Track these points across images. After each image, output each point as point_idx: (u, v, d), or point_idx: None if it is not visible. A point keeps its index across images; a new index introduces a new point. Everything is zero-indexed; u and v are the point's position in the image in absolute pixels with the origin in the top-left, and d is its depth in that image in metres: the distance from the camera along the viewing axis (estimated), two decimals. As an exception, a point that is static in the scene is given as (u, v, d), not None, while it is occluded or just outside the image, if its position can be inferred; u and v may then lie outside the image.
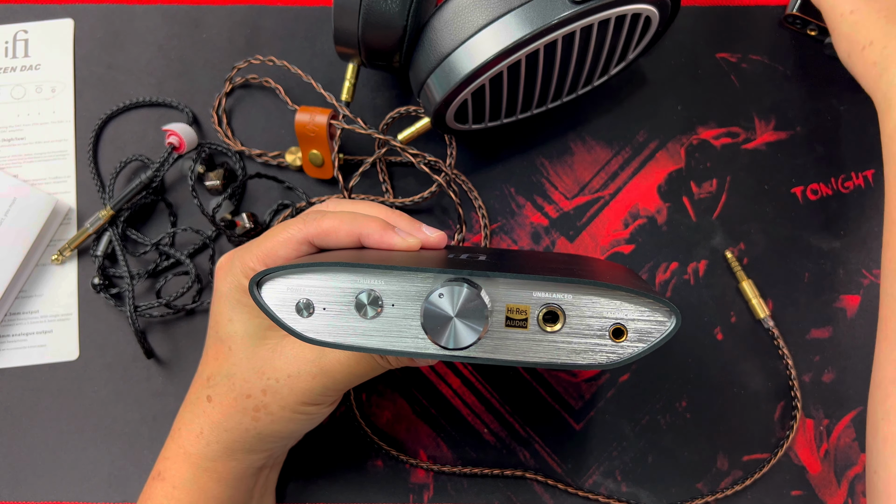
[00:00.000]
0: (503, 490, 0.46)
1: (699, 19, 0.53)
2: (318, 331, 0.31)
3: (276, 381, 0.36)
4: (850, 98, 0.52)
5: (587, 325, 0.30)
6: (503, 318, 0.31)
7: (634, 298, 0.30)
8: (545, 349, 0.31)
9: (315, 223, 0.36)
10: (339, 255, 0.33)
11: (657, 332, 0.30)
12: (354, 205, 0.39)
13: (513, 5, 0.40)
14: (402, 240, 0.36)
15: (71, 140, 0.52)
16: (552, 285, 0.30)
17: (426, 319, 0.29)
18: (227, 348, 0.37)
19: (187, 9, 0.54)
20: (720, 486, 0.46)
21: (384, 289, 0.31)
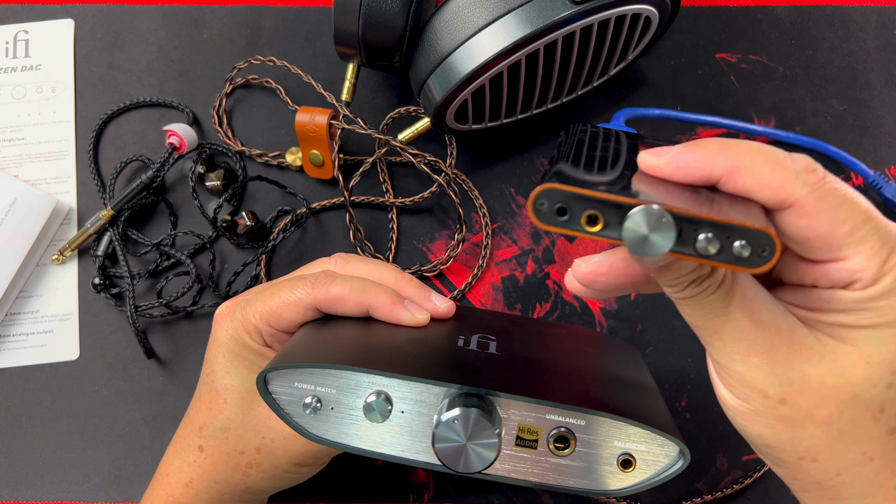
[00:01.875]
0: (503, 490, 0.46)
1: (699, 20, 0.53)
2: (325, 429, 0.31)
3: (272, 441, 0.36)
4: (850, 98, 0.52)
5: (596, 453, 0.30)
6: (514, 436, 0.30)
7: (647, 433, 0.29)
8: (552, 471, 0.30)
9: (323, 289, 0.35)
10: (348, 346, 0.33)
11: (665, 468, 0.30)
12: (364, 266, 0.38)
13: (513, 5, 0.40)
14: (411, 315, 0.35)
15: (71, 140, 0.52)
16: (568, 411, 0.30)
17: (438, 443, 0.28)
18: (223, 400, 0.36)
19: (188, 9, 0.54)
20: (720, 485, 0.46)
21: (394, 393, 0.30)
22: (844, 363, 0.26)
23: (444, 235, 0.50)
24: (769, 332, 0.26)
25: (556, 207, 0.24)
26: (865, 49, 0.53)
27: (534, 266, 0.49)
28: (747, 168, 0.24)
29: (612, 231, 0.23)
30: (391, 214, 0.50)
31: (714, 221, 0.22)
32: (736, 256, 0.23)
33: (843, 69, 0.52)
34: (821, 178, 0.25)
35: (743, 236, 0.22)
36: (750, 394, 0.27)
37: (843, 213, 0.25)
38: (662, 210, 0.22)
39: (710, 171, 0.25)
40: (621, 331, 0.48)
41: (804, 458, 0.27)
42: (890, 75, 0.52)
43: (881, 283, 0.25)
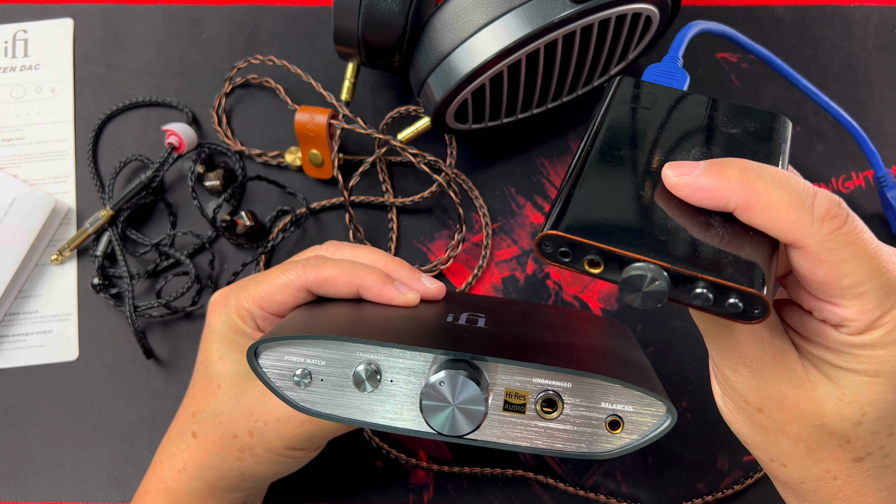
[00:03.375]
0: (503, 490, 0.46)
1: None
2: (315, 401, 0.31)
3: (264, 424, 0.36)
4: (850, 98, 0.52)
5: (584, 415, 0.30)
6: (501, 401, 0.30)
7: (634, 392, 0.30)
8: (541, 435, 0.31)
9: (314, 270, 0.36)
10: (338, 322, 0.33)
11: (653, 426, 0.30)
12: (354, 251, 0.39)
13: (513, 4, 0.40)
14: (400, 295, 0.35)
15: (70, 140, 0.52)
16: (554, 373, 0.30)
17: (425, 405, 0.29)
18: (217, 386, 0.37)
19: (187, 8, 0.54)
20: (720, 486, 0.46)
21: (383, 363, 0.31)
22: (820, 394, 0.27)
23: (444, 235, 0.50)
24: (762, 351, 0.28)
25: (560, 251, 0.26)
26: (866, 49, 0.52)
27: (534, 266, 0.49)
28: (762, 207, 0.25)
29: (613, 275, 0.25)
30: (391, 214, 0.50)
31: (710, 281, 0.24)
32: (728, 311, 0.24)
33: (844, 69, 0.52)
34: (838, 227, 0.25)
35: (736, 295, 0.24)
36: (734, 395, 0.30)
37: (848, 268, 0.25)
38: (659, 271, 0.24)
39: (726, 203, 0.25)
40: (621, 331, 0.48)
41: (775, 461, 0.30)
42: (891, 75, 0.52)
43: (868, 335, 0.26)
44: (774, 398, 0.28)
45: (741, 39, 0.44)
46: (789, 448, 0.29)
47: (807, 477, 0.29)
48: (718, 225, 0.26)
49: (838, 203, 0.25)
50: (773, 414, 0.28)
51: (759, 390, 0.28)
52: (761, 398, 0.28)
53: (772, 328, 0.28)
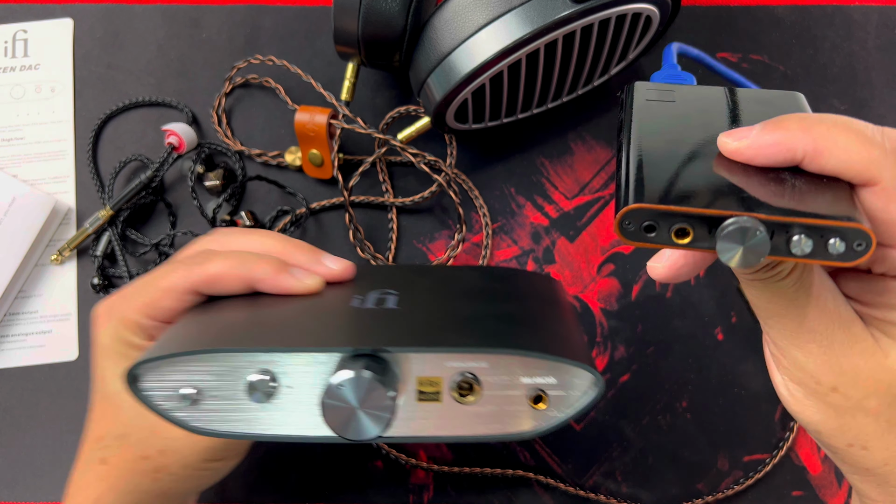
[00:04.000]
0: (503, 490, 0.46)
1: (700, 19, 0.53)
2: (209, 419, 0.28)
3: (174, 441, 0.33)
4: (851, 98, 0.52)
5: (505, 394, 0.28)
6: (415, 392, 0.28)
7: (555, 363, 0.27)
8: (462, 422, 0.28)
9: (199, 269, 0.32)
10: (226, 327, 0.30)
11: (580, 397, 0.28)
12: (246, 238, 0.35)
13: (513, 4, 0.40)
14: (298, 282, 0.32)
15: (70, 140, 0.52)
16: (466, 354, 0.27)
17: (327, 412, 0.26)
18: (116, 407, 0.34)
19: (187, 8, 0.54)
20: (721, 486, 0.46)
21: (278, 369, 0.28)
22: (893, 361, 0.26)
23: (444, 235, 0.50)
24: (830, 322, 0.26)
25: (644, 225, 0.24)
26: (867, 49, 0.52)
27: (534, 266, 0.49)
28: (832, 149, 0.24)
29: (703, 242, 0.24)
30: (391, 214, 0.50)
31: (807, 224, 0.22)
32: (830, 253, 0.23)
33: (845, 69, 0.52)
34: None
35: (837, 234, 0.23)
36: (804, 378, 0.27)
37: None
38: (755, 222, 0.22)
39: (794, 154, 0.24)
40: (622, 331, 0.48)
41: (853, 445, 0.28)
42: (891, 75, 0.52)
43: None
44: (848, 372, 0.26)
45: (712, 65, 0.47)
46: (869, 426, 0.27)
47: (890, 456, 0.27)
48: (790, 179, 0.24)
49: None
50: (848, 391, 0.27)
51: (831, 366, 0.26)
52: (834, 374, 0.27)
53: (834, 297, 0.27)
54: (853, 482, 0.30)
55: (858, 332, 0.27)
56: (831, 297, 0.27)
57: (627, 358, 0.48)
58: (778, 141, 0.24)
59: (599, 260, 0.49)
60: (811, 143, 0.24)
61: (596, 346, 0.48)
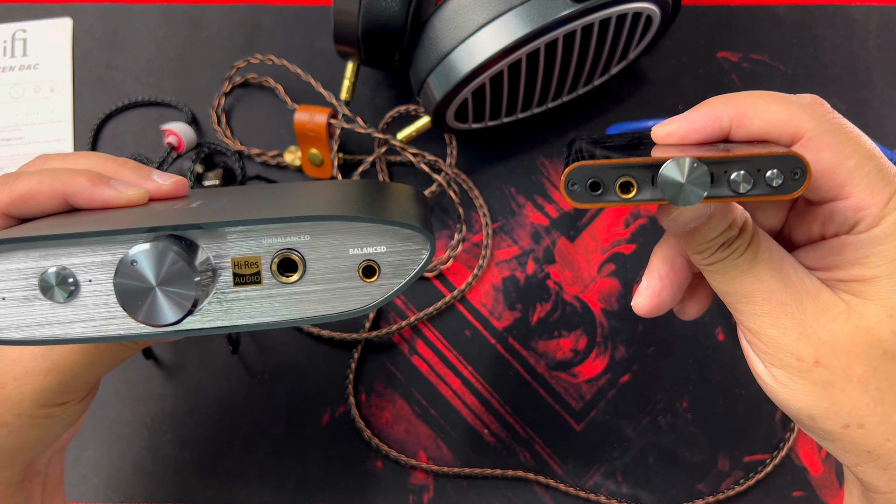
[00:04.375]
0: (503, 491, 0.46)
1: (700, 18, 0.53)
2: (2, 326, 0.26)
3: (2, 387, 0.30)
4: (852, 97, 0.51)
5: (331, 268, 0.26)
6: (230, 274, 0.26)
7: (380, 229, 0.26)
8: (286, 304, 0.26)
9: (6, 189, 0.29)
10: (15, 231, 0.27)
11: (413, 262, 0.26)
12: (65, 159, 0.32)
13: (513, 3, 0.40)
14: (118, 193, 0.28)
15: (70, 140, 0.52)
16: (282, 228, 0.25)
17: (120, 294, 0.24)
18: None
19: (186, 8, 0.54)
20: (721, 486, 0.46)
21: (75, 262, 0.25)
22: (869, 319, 0.26)
23: (444, 235, 0.50)
24: (797, 292, 0.26)
25: (589, 183, 0.25)
26: (867, 48, 0.52)
27: (534, 266, 0.49)
28: (753, 111, 0.25)
29: (647, 193, 0.24)
30: (391, 214, 0.50)
31: (742, 157, 0.24)
32: (770, 186, 0.24)
33: (845, 68, 0.52)
34: (827, 111, 0.26)
35: (773, 164, 0.24)
36: (784, 358, 0.27)
37: (847, 148, 0.25)
38: (693, 158, 0.23)
39: (720, 123, 0.26)
40: (622, 331, 0.48)
41: (850, 425, 0.27)
42: (892, 74, 0.52)
43: (883, 224, 0.25)
44: (827, 341, 0.26)
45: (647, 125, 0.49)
46: (860, 398, 0.26)
47: (890, 430, 0.26)
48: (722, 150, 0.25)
49: (818, 97, 0.26)
50: (831, 361, 0.26)
51: (808, 337, 0.26)
52: (813, 346, 0.26)
53: (796, 269, 0.27)
54: (860, 475, 0.28)
55: (827, 299, 0.26)
56: (793, 271, 0.27)
57: (628, 358, 0.48)
58: (705, 113, 0.26)
59: (600, 260, 0.49)
60: (734, 109, 0.26)
61: (596, 346, 0.48)
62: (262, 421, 0.47)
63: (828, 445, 0.28)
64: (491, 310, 0.49)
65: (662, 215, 0.27)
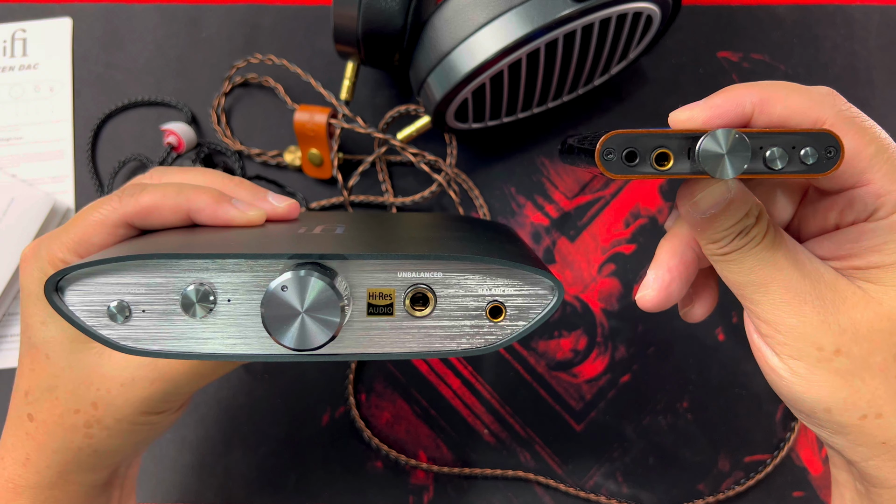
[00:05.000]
0: (503, 491, 0.46)
1: (700, 18, 0.53)
2: (139, 338, 0.26)
3: (108, 392, 0.31)
4: (852, 97, 0.51)
5: (461, 306, 0.27)
6: (364, 304, 0.26)
7: (510, 272, 0.26)
8: (416, 337, 0.27)
9: (132, 200, 0.30)
10: (155, 244, 0.28)
11: (538, 307, 0.27)
12: (184, 174, 0.33)
13: (514, 3, 0.40)
14: (240, 213, 0.30)
15: (69, 139, 0.52)
16: (418, 263, 0.26)
17: (268, 317, 0.25)
18: (44, 356, 0.31)
19: (186, 8, 0.54)
20: (721, 487, 0.46)
21: (216, 281, 0.26)
22: (888, 306, 0.26)
23: (444, 235, 0.50)
24: (816, 282, 0.26)
25: (626, 153, 0.24)
26: (868, 48, 0.52)
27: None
28: (776, 98, 0.26)
29: (684, 165, 0.24)
30: (391, 214, 0.50)
31: (779, 133, 0.23)
32: (804, 164, 0.24)
33: (846, 68, 0.52)
34: (844, 102, 0.26)
35: (808, 142, 0.23)
36: (803, 348, 0.26)
37: (866, 136, 0.26)
38: (731, 131, 0.23)
39: (743, 108, 0.26)
40: (622, 331, 0.48)
41: (867, 415, 0.26)
42: (892, 74, 0.52)
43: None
44: (848, 329, 0.26)
45: None
46: (879, 387, 0.26)
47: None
48: None
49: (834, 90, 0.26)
50: (851, 349, 0.26)
51: (829, 326, 0.26)
52: (834, 335, 0.26)
53: (811, 260, 0.27)
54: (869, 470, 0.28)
55: (845, 288, 0.26)
56: (808, 261, 0.27)
57: (628, 358, 0.48)
58: (728, 98, 0.26)
59: (600, 260, 0.49)
60: (757, 95, 0.26)
61: (597, 346, 0.48)
62: (262, 421, 0.47)
63: (838, 440, 0.28)
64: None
65: (683, 199, 0.27)
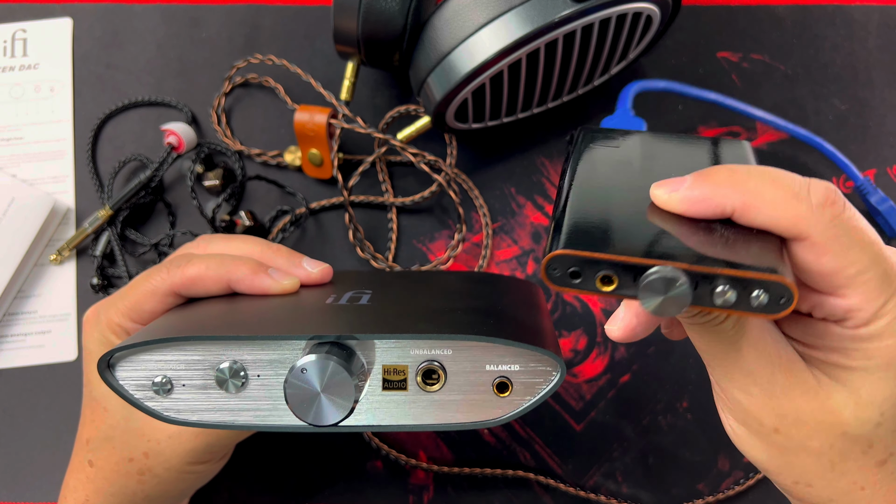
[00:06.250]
0: (503, 491, 0.46)
1: (700, 18, 0.53)
2: (180, 409, 0.29)
3: (158, 443, 0.35)
4: (852, 97, 0.51)
5: (470, 381, 0.29)
6: (380, 379, 0.29)
7: (517, 350, 0.28)
8: (427, 410, 0.29)
9: (179, 272, 0.33)
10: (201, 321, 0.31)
11: (544, 382, 0.29)
12: (227, 242, 0.37)
13: (514, 3, 0.40)
14: (275, 282, 0.33)
15: (69, 139, 0.52)
16: (430, 342, 0.28)
17: (290, 396, 0.27)
18: (103, 409, 0.35)
19: (186, 8, 0.54)
20: (721, 486, 0.46)
21: (247, 358, 0.29)
22: (835, 402, 0.26)
23: (444, 235, 0.50)
24: (770, 364, 0.27)
25: (570, 272, 0.24)
26: (867, 48, 0.52)
27: (534, 266, 0.49)
28: (760, 205, 0.24)
29: (628, 290, 0.24)
30: (391, 214, 0.50)
31: (732, 275, 0.23)
32: (754, 305, 0.23)
33: (845, 68, 0.52)
34: (838, 213, 0.24)
35: (760, 287, 0.23)
36: (746, 419, 0.28)
37: (853, 254, 0.24)
38: (678, 272, 0.22)
39: (723, 209, 0.25)
40: (622, 331, 0.48)
41: (799, 482, 0.28)
42: (892, 74, 0.52)
43: (873, 325, 0.25)
44: (790, 415, 0.27)
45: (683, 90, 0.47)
46: (812, 465, 0.27)
47: (834, 493, 0.28)
48: (721, 230, 0.25)
49: (834, 190, 0.24)
50: (790, 431, 0.27)
51: (773, 409, 0.27)
52: (776, 417, 0.27)
53: (775, 339, 0.27)
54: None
55: (800, 373, 0.27)
56: (772, 340, 0.27)
57: (628, 358, 0.48)
58: (707, 195, 0.25)
59: (600, 260, 0.49)
60: (739, 200, 0.24)
61: (596, 346, 0.48)
62: (262, 421, 0.47)
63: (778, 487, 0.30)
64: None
65: None
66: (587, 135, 0.32)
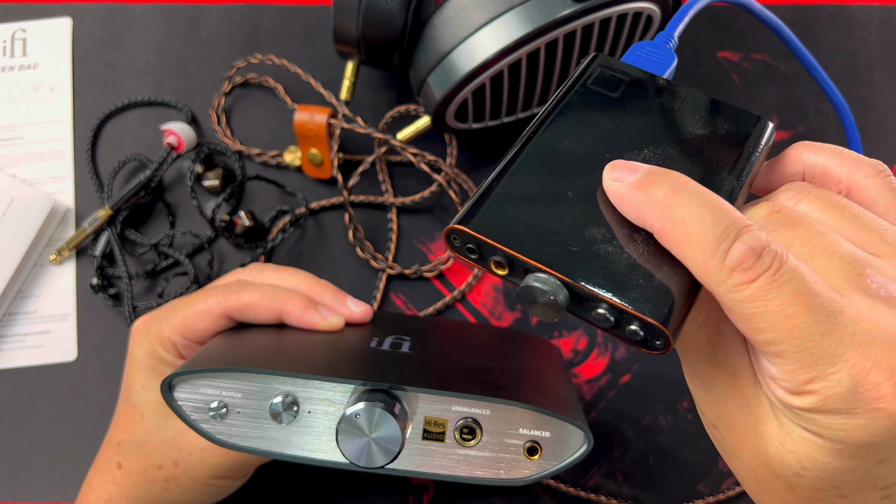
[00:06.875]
0: (503, 492, 0.46)
1: (700, 18, 0.53)
2: (232, 433, 0.31)
3: (188, 454, 0.36)
4: (852, 97, 0.51)
5: (503, 442, 0.31)
6: (421, 429, 0.31)
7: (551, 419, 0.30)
8: (460, 463, 0.31)
9: (235, 297, 0.35)
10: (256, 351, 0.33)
11: (571, 451, 0.30)
12: (278, 274, 0.39)
13: (514, 3, 0.40)
14: (323, 319, 0.35)
15: (69, 139, 0.52)
16: (472, 401, 0.30)
17: (342, 438, 0.29)
18: (140, 415, 0.37)
19: (186, 8, 0.54)
20: (721, 487, 0.46)
21: (301, 394, 0.30)
22: (767, 428, 0.24)
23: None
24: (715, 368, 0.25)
25: (467, 247, 0.24)
26: (868, 48, 0.52)
27: (534, 266, 0.49)
28: (675, 239, 0.22)
29: (518, 279, 0.23)
30: (391, 214, 0.50)
31: (610, 303, 0.22)
32: (627, 336, 0.22)
33: (846, 68, 0.52)
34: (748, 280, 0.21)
35: (637, 322, 0.22)
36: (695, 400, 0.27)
37: (761, 323, 0.21)
38: (559, 287, 0.22)
39: (645, 224, 0.23)
40: (622, 331, 0.48)
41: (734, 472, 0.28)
42: (892, 74, 0.52)
43: (802, 399, 0.22)
44: (724, 419, 0.25)
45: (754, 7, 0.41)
46: (741, 471, 0.26)
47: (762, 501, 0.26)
48: (642, 241, 0.23)
49: (760, 251, 0.21)
50: (725, 434, 0.26)
51: (710, 407, 0.26)
52: (713, 415, 0.26)
53: (727, 347, 0.25)
54: None
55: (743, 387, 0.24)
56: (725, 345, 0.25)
57: (628, 358, 0.48)
58: (636, 204, 0.23)
59: (600, 260, 0.49)
60: (659, 224, 0.23)
61: (597, 346, 0.48)
62: (262, 421, 0.47)
63: None
64: (491, 310, 0.49)
65: None
66: (594, 69, 0.29)
